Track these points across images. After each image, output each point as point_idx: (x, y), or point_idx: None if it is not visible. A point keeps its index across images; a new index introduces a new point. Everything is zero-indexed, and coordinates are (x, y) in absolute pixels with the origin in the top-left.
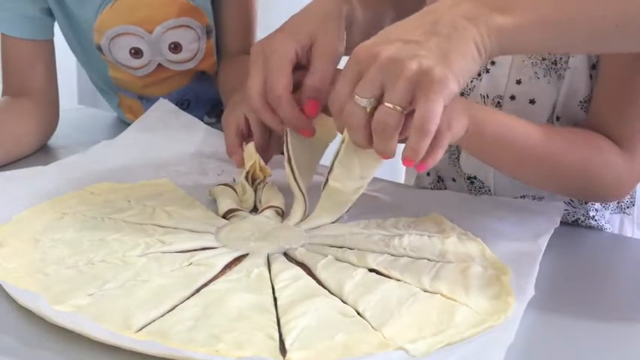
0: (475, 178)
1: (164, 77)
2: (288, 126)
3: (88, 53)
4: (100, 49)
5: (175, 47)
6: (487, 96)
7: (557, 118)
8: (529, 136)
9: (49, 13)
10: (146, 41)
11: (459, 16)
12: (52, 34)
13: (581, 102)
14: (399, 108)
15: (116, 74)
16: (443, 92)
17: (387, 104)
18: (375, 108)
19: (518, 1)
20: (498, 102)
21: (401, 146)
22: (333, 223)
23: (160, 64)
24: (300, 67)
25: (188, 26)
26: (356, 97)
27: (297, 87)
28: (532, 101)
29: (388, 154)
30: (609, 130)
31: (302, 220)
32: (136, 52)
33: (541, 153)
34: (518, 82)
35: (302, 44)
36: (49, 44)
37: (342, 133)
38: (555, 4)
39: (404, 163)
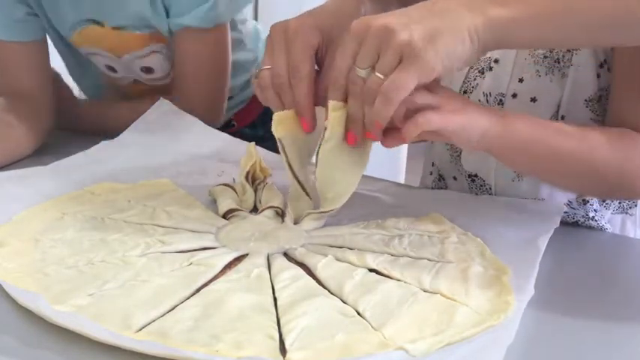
0: (476, 176)
1: (149, 88)
2: (297, 107)
3: (75, 56)
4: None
5: (147, 70)
6: (489, 94)
7: (562, 117)
8: (565, 135)
9: (37, 16)
10: (117, 63)
11: (456, 4)
12: (43, 34)
13: (586, 100)
14: (385, 77)
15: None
16: (420, 68)
17: (377, 74)
18: None
19: None
20: (500, 100)
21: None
22: (332, 225)
23: (135, 80)
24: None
25: (157, 51)
26: (356, 68)
27: None
28: (533, 99)
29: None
30: (635, 122)
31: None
32: (111, 69)
33: (578, 152)
34: (521, 80)
35: (324, 37)
36: (40, 44)
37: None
38: None
39: (349, 141)
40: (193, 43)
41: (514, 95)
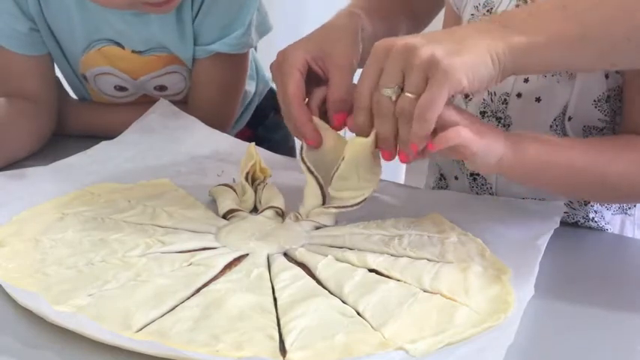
0: (478, 175)
1: (151, 100)
2: (296, 131)
3: (71, 78)
4: (84, 78)
5: (161, 88)
6: (494, 93)
7: (569, 119)
8: (574, 153)
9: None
10: (131, 83)
11: (476, 30)
12: (48, 50)
13: (595, 101)
14: (414, 96)
15: (99, 99)
16: (448, 83)
17: (407, 93)
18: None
19: (532, 21)
20: (505, 99)
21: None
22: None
23: (144, 95)
24: (319, 80)
25: (174, 72)
26: (382, 88)
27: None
28: (538, 99)
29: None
30: None
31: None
32: (121, 89)
33: (589, 167)
34: (526, 80)
35: (312, 54)
36: (44, 58)
37: (360, 132)
38: (567, 22)
39: (401, 159)
40: (219, 68)
41: (519, 95)
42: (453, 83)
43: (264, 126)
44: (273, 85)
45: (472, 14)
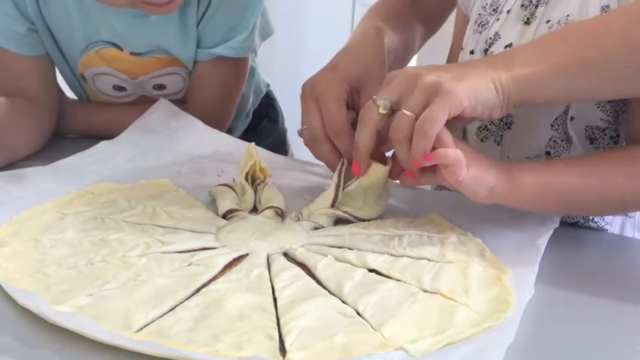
0: None
1: (150, 100)
2: (347, 157)
3: (70, 77)
4: (83, 78)
5: (160, 87)
6: None
7: (572, 119)
8: (571, 177)
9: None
10: (130, 83)
11: (480, 63)
12: (46, 51)
13: (597, 101)
14: (413, 115)
15: (97, 99)
16: (449, 102)
17: (403, 110)
18: (389, 115)
19: (534, 53)
20: None
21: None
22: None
23: (142, 95)
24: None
25: (173, 73)
26: (374, 97)
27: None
28: None
29: (405, 161)
30: None
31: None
32: (120, 89)
33: (587, 188)
34: None
35: (351, 84)
36: (44, 58)
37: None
38: (568, 52)
39: (402, 180)
40: (220, 70)
41: None
42: (454, 103)
43: (256, 133)
44: (304, 101)
45: (479, 14)
